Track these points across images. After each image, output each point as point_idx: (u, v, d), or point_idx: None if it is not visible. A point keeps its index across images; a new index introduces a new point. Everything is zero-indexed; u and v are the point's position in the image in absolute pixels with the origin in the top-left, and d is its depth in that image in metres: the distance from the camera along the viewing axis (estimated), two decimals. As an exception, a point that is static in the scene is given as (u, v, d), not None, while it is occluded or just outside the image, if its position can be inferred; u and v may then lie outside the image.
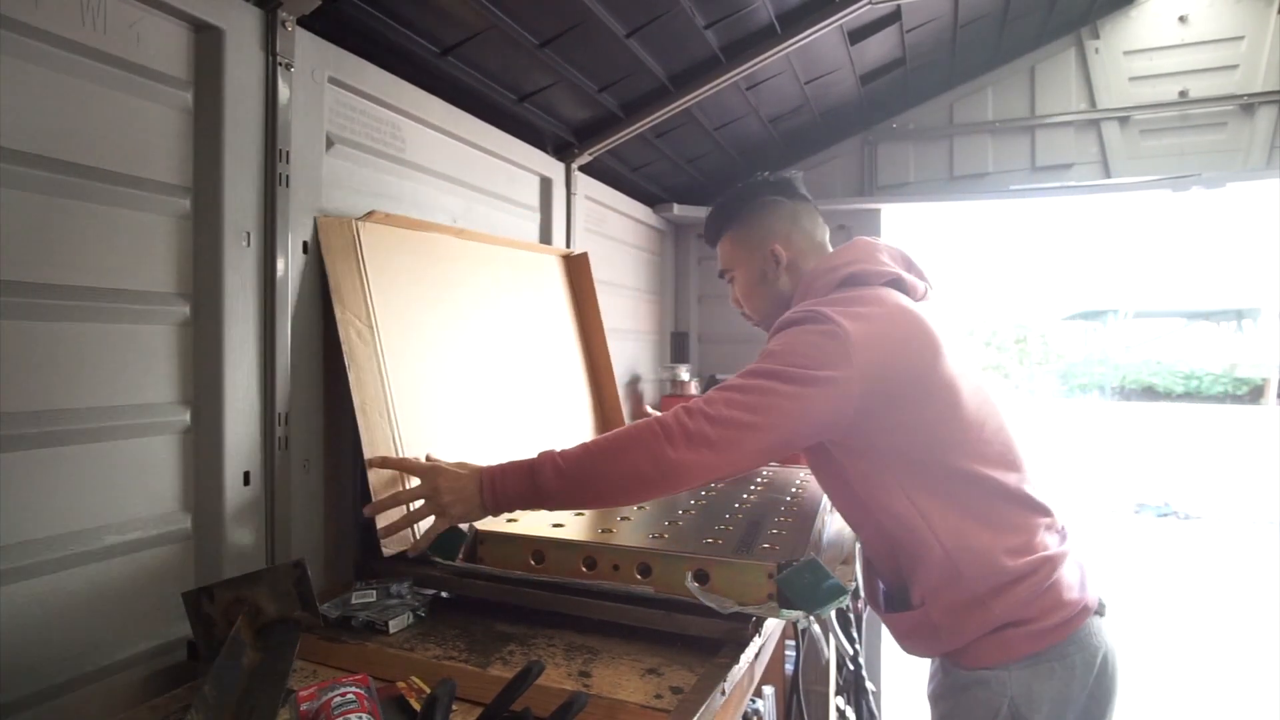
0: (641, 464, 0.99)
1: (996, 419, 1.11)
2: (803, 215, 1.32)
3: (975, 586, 1.02)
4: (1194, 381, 18.15)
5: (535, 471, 1.03)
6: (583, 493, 1.04)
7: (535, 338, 1.77)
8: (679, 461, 0.97)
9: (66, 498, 0.93)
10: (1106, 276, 22.16)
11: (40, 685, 0.90)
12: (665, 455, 0.97)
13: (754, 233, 1.31)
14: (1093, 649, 1.06)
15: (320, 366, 1.27)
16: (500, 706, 0.80)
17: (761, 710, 1.64)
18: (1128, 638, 4.29)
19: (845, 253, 1.22)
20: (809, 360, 1.01)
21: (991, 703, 1.03)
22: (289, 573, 0.95)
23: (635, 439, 1.00)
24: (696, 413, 1.00)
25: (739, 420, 0.99)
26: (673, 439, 0.98)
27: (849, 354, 1.01)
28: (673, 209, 2.73)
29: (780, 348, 1.05)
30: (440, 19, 1.43)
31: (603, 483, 1.02)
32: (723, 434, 0.98)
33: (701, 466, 0.98)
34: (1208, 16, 2.44)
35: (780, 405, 1.00)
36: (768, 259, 1.29)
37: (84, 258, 0.94)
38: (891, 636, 1.18)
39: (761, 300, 1.32)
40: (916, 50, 2.34)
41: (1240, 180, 2.41)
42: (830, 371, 1.01)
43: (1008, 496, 1.07)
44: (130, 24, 0.98)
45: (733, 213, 1.33)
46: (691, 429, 0.98)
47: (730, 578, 1.04)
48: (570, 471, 1.02)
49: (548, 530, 1.20)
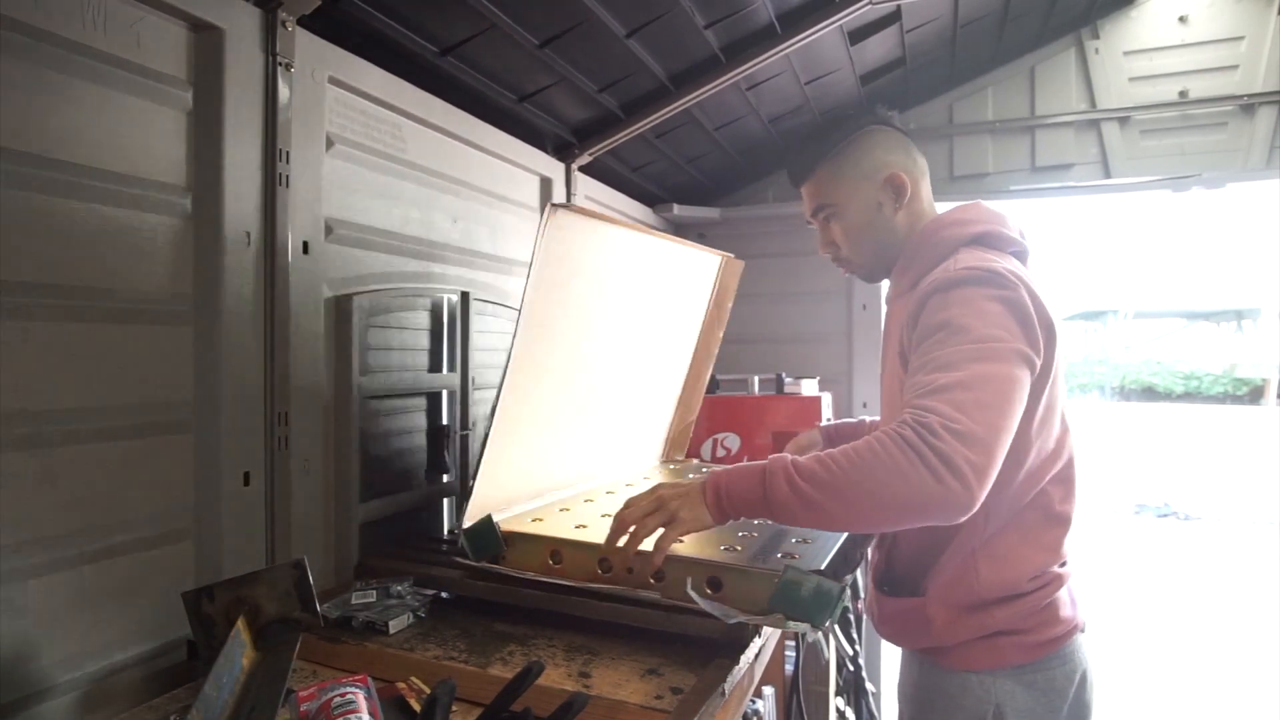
0: (903, 493, 0.84)
1: (1069, 433, 1.06)
2: (914, 150, 1.17)
3: (986, 593, 1.01)
4: (1194, 382, 18.16)
5: (768, 483, 0.92)
6: (825, 515, 0.90)
7: (664, 338, 1.69)
8: (947, 491, 0.83)
9: (67, 497, 0.93)
10: (1106, 276, 22.17)
11: (40, 685, 0.90)
12: (929, 485, 0.83)
13: (866, 160, 1.13)
14: (1074, 665, 1.05)
15: (320, 366, 1.27)
16: (500, 706, 0.80)
17: (761, 711, 1.64)
18: (1128, 638, 4.29)
19: (971, 211, 1.11)
20: (1010, 332, 0.91)
21: (975, 709, 1.02)
22: (289, 573, 0.95)
23: (885, 463, 0.85)
24: (941, 431, 0.84)
25: (987, 423, 0.85)
26: (931, 464, 0.83)
27: (1030, 328, 0.92)
28: (673, 209, 2.73)
29: (967, 320, 0.92)
30: (440, 19, 1.43)
31: (854, 512, 0.89)
32: (976, 448, 0.84)
33: (971, 491, 0.83)
34: (1208, 17, 2.44)
35: (1006, 392, 0.88)
36: (884, 189, 1.12)
37: (84, 258, 0.94)
38: (873, 618, 1.15)
39: (871, 240, 1.14)
40: (916, 50, 2.34)
41: (1240, 180, 2.41)
42: (1027, 347, 0.91)
43: (1055, 519, 1.04)
44: (130, 24, 0.98)
45: (834, 140, 1.14)
46: (945, 451, 0.83)
47: (742, 586, 1.02)
48: (809, 492, 0.89)
49: (569, 531, 1.19)
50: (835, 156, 1.14)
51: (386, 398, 1.42)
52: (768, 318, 2.80)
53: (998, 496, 0.96)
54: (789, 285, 2.79)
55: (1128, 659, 3.99)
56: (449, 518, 1.63)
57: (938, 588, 1.04)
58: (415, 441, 1.54)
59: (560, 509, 1.33)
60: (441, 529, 1.61)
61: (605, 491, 1.49)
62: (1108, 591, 5.24)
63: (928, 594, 1.05)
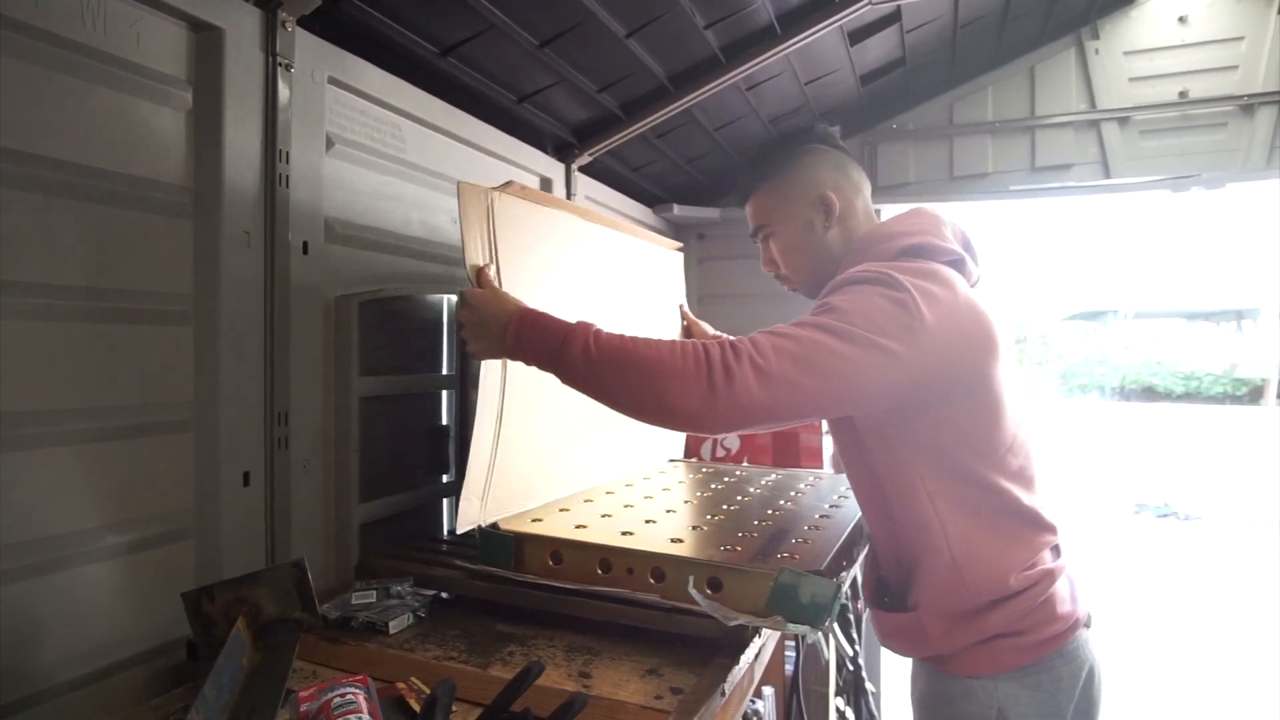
0: (672, 390, 0.88)
1: (1024, 431, 1.07)
2: (848, 165, 1.20)
3: (975, 598, 1.01)
4: (1194, 382, 18.17)
5: (568, 340, 0.94)
6: (600, 386, 0.94)
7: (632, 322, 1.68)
8: (714, 406, 0.87)
9: (66, 498, 0.93)
10: (1106, 276, 22.19)
11: (40, 685, 0.90)
12: (700, 394, 0.87)
13: (798, 179, 1.16)
14: (1079, 662, 1.05)
15: (320, 366, 1.27)
16: (500, 707, 0.80)
17: (761, 711, 1.64)
18: (1128, 638, 4.29)
19: (907, 221, 1.12)
20: (874, 325, 0.92)
21: (979, 715, 1.02)
22: (289, 573, 0.95)
23: (675, 362, 0.89)
24: (744, 355, 0.88)
25: (786, 375, 0.88)
26: (714, 378, 0.87)
27: (916, 332, 0.93)
28: (673, 209, 2.73)
29: (844, 304, 0.95)
30: (440, 19, 1.43)
31: (624, 390, 0.92)
32: (765, 386, 0.87)
33: (735, 415, 0.88)
34: (1208, 17, 2.44)
35: (833, 366, 0.90)
36: (815, 208, 1.15)
37: (84, 258, 0.94)
38: (877, 634, 1.16)
39: (805, 258, 1.18)
40: (916, 50, 2.34)
41: (1240, 180, 2.41)
42: (893, 344, 0.92)
43: (1021, 513, 1.04)
44: (130, 24, 0.98)
45: (772, 160, 1.19)
46: (735, 371, 0.87)
47: (742, 587, 1.02)
48: (599, 360, 0.92)
49: (569, 531, 1.19)
50: (775, 175, 1.18)
51: (386, 398, 1.42)
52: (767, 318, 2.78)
53: (941, 492, 1.01)
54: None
55: (1128, 658, 3.99)
56: (449, 518, 1.63)
57: (928, 599, 1.04)
58: (415, 441, 1.54)
59: (560, 509, 1.33)
60: (441, 529, 1.61)
61: (605, 492, 1.50)
62: (1108, 591, 5.24)
63: (919, 607, 1.05)
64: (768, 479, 1.69)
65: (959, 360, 0.98)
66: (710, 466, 1.91)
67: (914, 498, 1.03)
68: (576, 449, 1.46)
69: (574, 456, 1.46)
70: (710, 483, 1.64)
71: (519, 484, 1.28)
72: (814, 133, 1.20)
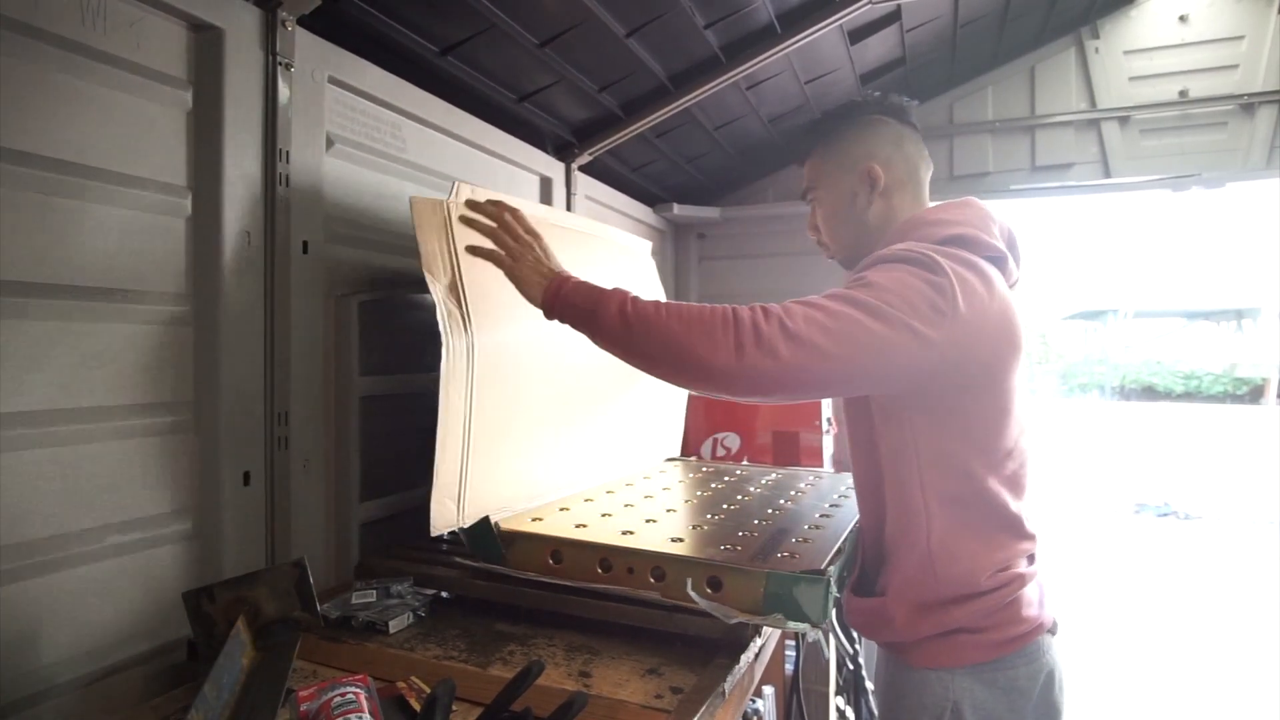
0: (700, 349, 0.90)
1: (1025, 439, 1.07)
2: (908, 141, 1.18)
3: (943, 592, 1.01)
4: (1194, 381, 18.17)
5: (606, 299, 0.98)
6: (632, 345, 0.97)
7: None
8: (740, 366, 0.89)
9: (66, 498, 0.93)
10: (1106, 276, 22.19)
11: (40, 685, 0.90)
12: (728, 354, 0.89)
13: (851, 149, 1.16)
14: (1040, 665, 1.04)
15: (320, 366, 1.27)
16: (500, 706, 0.80)
17: (761, 710, 1.64)
18: (1128, 638, 4.29)
19: (957, 210, 1.10)
20: (909, 306, 0.91)
21: (934, 706, 1.02)
22: (289, 573, 0.95)
23: (705, 321, 0.91)
24: (774, 319, 0.90)
25: (816, 343, 0.89)
26: (743, 339, 0.89)
27: (949, 319, 0.92)
28: (673, 209, 2.73)
29: (882, 280, 0.94)
30: (440, 18, 1.43)
31: (656, 349, 0.95)
32: (794, 352, 0.88)
33: (761, 379, 0.89)
34: (1208, 16, 2.44)
35: (862, 341, 0.90)
36: (861, 180, 1.14)
37: (84, 258, 0.94)
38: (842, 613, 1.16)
39: (844, 228, 1.18)
40: (916, 50, 2.34)
41: (1240, 180, 2.41)
42: (925, 327, 0.91)
43: (1005, 518, 1.04)
44: (130, 24, 0.98)
45: (831, 126, 1.19)
46: (765, 334, 0.88)
47: (741, 586, 1.02)
48: (634, 320, 0.95)
49: (569, 530, 1.19)
50: (830, 140, 1.18)
51: (386, 397, 1.42)
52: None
53: (935, 484, 1.01)
54: (788, 285, 2.77)
55: (1128, 658, 3.99)
56: (449, 517, 1.63)
57: (896, 586, 1.05)
58: (415, 441, 1.53)
59: (560, 508, 1.33)
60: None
61: (605, 491, 1.49)
62: (1108, 591, 5.24)
63: (887, 593, 1.05)
64: (768, 478, 1.70)
65: (980, 357, 0.98)
66: (710, 466, 1.91)
67: (908, 484, 1.03)
68: (561, 448, 1.45)
69: (560, 456, 1.46)
70: (710, 482, 1.64)
71: (501, 484, 1.28)
72: (884, 103, 1.20)
